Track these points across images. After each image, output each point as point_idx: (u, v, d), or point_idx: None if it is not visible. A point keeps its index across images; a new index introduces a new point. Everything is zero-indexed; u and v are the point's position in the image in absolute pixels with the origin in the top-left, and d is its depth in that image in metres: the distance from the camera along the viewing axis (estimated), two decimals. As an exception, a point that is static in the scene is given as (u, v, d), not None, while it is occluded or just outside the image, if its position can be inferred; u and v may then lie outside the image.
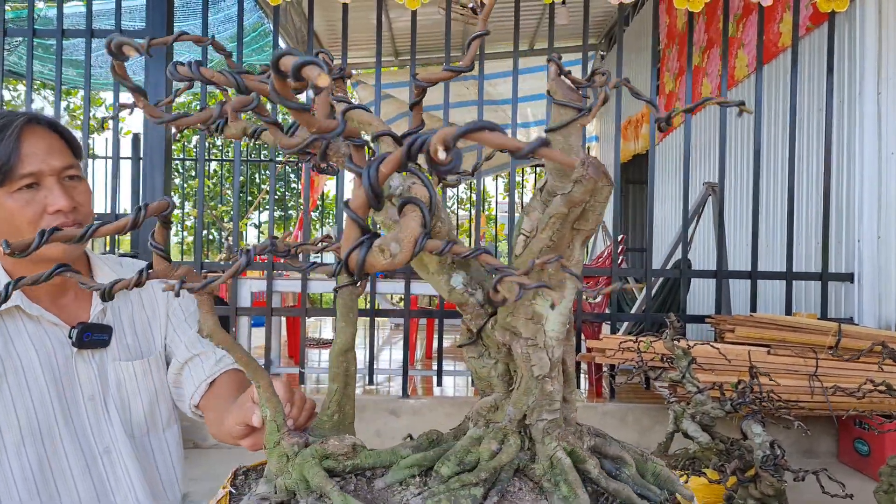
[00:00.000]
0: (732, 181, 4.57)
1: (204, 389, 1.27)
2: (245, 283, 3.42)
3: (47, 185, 1.12)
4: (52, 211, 1.11)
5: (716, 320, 3.19)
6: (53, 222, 1.11)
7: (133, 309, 1.32)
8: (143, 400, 1.27)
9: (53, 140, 1.15)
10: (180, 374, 1.31)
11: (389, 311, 3.71)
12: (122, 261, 1.40)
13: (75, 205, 1.14)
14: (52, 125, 1.16)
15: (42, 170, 1.11)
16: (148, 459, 1.28)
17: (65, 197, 1.12)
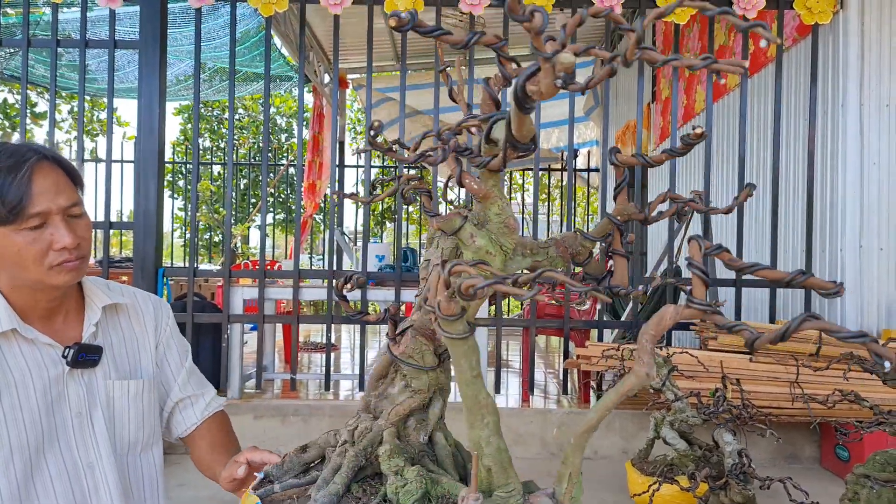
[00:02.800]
0: (718, 190, 4.61)
1: (193, 428, 1.44)
2: (237, 290, 3.49)
3: (53, 223, 1.17)
4: (57, 248, 1.17)
5: (700, 328, 3.24)
6: (58, 258, 1.18)
7: (123, 332, 1.39)
8: (131, 419, 1.33)
9: (60, 177, 1.20)
10: (172, 412, 1.44)
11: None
12: (110, 283, 1.46)
13: (79, 241, 1.21)
14: (57, 161, 1.21)
15: (50, 209, 1.17)
16: (129, 477, 1.33)
17: (70, 234, 1.18)
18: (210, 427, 1.44)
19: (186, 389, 1.44)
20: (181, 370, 1.45)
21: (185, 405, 1.44)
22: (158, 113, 3.49)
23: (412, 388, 1.01)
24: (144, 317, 1.41)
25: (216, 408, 1.47)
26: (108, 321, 1.37)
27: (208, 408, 1.45)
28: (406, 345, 1.01)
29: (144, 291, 1.47)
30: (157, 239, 3.46)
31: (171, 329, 1.46)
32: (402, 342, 1.02)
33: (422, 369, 1.01)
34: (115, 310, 1.39)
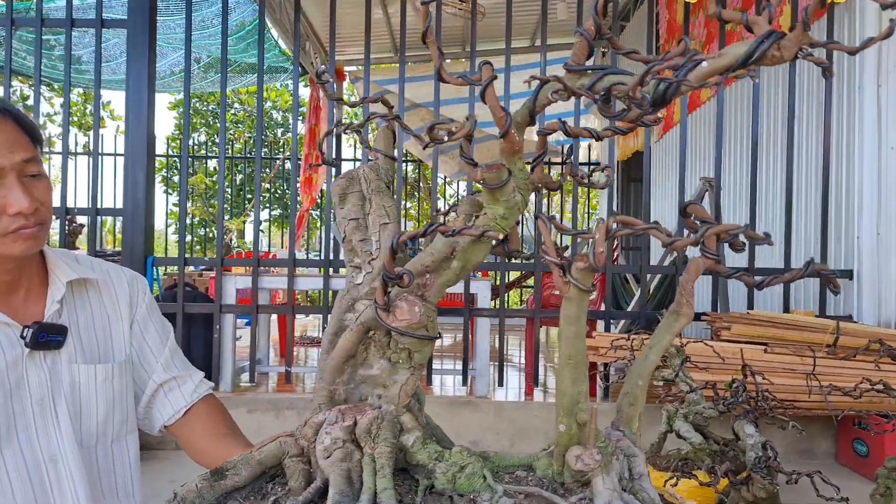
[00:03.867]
0: (730, 176, 4.48)
1: (181, 414, 1.27)
2: (230, 279, 3.35)
3: (7, 183, 1.05)
4: (12, 212, 1.05)
5: (712, 318, 3.12)
6: (13, 224, 1.05)
7: (92, 311, 1.25)
8: (98, 407, 1.20)
9: (13, 131, 1.07)
10: (154, 395, 1.28)
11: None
12: (79, 256, 1.33)
13: (37, 205, 1.08)
14: (10, 113, 1.09)
15: (3, 166, 1.04)
16: (97, 470, 1.20)
17: (26, 197, 1.05)
18: (204, 411, 1.29)
19: (171, 370, 1.30)
20: (163, 350, 1.31)
21: (171, 387, 1.29)
22: (147, 96, 3.35)
23: (414, 362, 0.87)
24: (117, 293, 1.28)
25: (206, 390, 1.32)
26: (75, 298, 1.23)
27: (198, 390, 1.30)
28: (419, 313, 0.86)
29: (118, 266, 1.33)
30: (146, 227, 3.33)
31: (149, 306, 1.32)
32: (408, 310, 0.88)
33: (429, 339, 0.87)
34: (82, 286, 1.25)
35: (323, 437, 0.71)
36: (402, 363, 0.86)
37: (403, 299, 0.87)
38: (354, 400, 0.81)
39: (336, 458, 0.69)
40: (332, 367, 0.80)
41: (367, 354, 0.84)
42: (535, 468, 0.74)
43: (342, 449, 0.70)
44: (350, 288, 0.87)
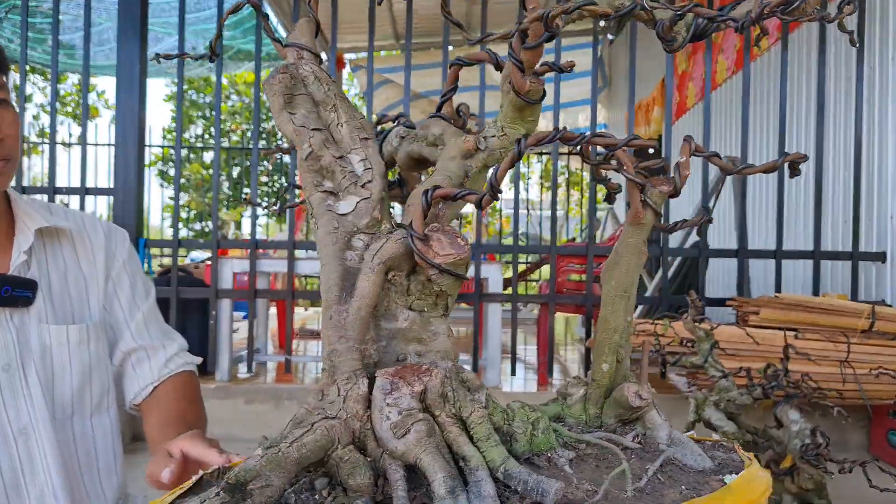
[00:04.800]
0: (756, 155, 4.30)
1: (148, 392, 1.10)
2: (226, 262, 3.16)
3: None
4: None
5: (738, 302, 2.94)
6: None
7: (66, 265, 1.08)
8: (72, 374, 1.03)
9: None
10: (123, 366, 1.11)
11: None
12: (52, 205, 1.16)
13: (2, 136, 0.95)
14: None
15: None
16: (73, 447, 1.03)
17: None
18: (168, 392, 1.10)
19: (143, 338, 1.12)
20: (136, 311, 1.13)
21: (140, 359, 1.11)
22: (139, 74, 3.16)
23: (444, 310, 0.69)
24: (93, 246, 1.10)
25: (181, 366, 1.13)
26: (47, 250, 1.06)
27: (170, 364, 1.12)
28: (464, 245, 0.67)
29: (96, 217, 1.16)
30: (137, 207, 3.14)
31: (127, 261, 1.14)
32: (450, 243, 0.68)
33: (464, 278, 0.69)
34: (55, 236, 1.08)
35: (387, 412, 0.52)
36: (430, 311, 0.68)
37: (439, 231, 0.68)
38: (389, 362, 0.62)
39: (421, 435, 0.50)
40: (359, 321, 0.59)
41: (388, 303, 0.65)
42: (567, 416, 0.68)
43: (423, 421, 0.51)
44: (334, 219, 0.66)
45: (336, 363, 0.54)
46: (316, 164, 0.65)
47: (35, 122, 10.02)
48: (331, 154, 0.65)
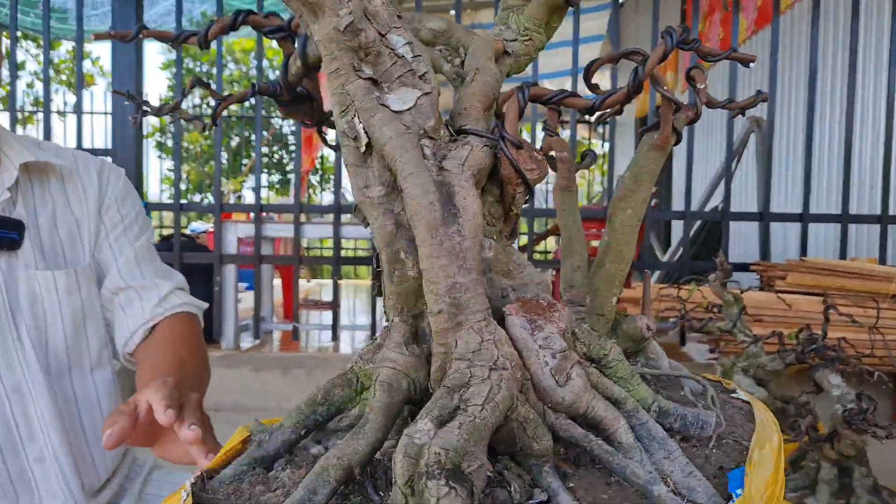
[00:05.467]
0: (783, 116, 4.15)
1: (141, 336, 0.96)
2: (230, 226, 3.04)
3: None
4: None
5: (763, 267, 2.83)
6: None
7: (55, 207, 0.96)
8: (64, 324, 0.91)
9: None
10: (111, 310, 0.98)
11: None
12: (42, 143, 1.04)
13: None
14: None
15: None
16: (72, 406, 0.92)
17: None
18: (164, 334, 0.95)
19: (132, 277, 0.97)
20: (125, 249, 0.99)
21: (130, 299, 0.97)
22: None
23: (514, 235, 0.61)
24: (84, 185, 0.98)
25: (179, 307, 0.98)
26: (34, 188, 0.95)
27: (164, 303, 0.97)
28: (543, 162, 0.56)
29: (89, 154, 1.03)
30: (136, 168, 3.01)
31: (120, 197, 1.02)
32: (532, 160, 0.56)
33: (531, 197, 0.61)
34: (44, 174, 0.96)
35: (542, 355, 0.42)
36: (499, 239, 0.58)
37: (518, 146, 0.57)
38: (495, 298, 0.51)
39: (584, 379, 0.42)
40: (476, 247, 0.47)
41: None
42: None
43: (579, 364, 0.43)
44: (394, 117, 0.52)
45: (461, 300, 0.43)
46: (354, 41, 0.49)
47: (29, 90, 9.81)
48: (375, 29, 0.50)
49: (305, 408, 0.45)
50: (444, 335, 0.43)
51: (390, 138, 0.47)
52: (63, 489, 0.87)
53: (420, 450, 0.35)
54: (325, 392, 0.45)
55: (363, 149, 0.48)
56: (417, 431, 0.36)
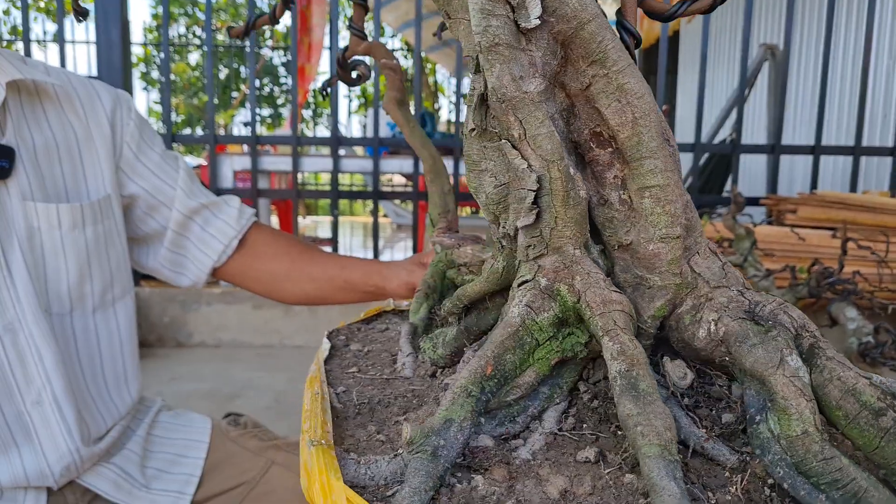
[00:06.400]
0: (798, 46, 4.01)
1: (234, 248, 0.99)
2: (226, 159, 2.94)
3: None
4: None
5: (774, 201, 2.78)
6: None
7: (52, 132, 0.88)
8: (67, 262, 0.85)
9: None
10: (185, 231, 0.98)
11: (397, 193, 3.26)
12: (29, 59, 0.93)
13: None
14: None
15: None
16: (71, 348, 0.86)
17: None
18: (261, 237, 1.02)
19: (198, 196, 0.98)
20: (176, 173, 0.98)
21: (206, 218, 0.99)
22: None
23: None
24: (85, 110, 0.90)
25: (252, 216, 1.03)
26: (25, 111, 0.86)
27: (243, 214, 1.01)
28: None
29: (88, 78, 0.95)
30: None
31: (139, 125, 0.95)
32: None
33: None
34: (35, 96, 0.87)
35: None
36: None
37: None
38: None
39: None
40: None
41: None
42: None
43: None
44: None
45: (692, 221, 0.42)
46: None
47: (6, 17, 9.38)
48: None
49: (472, 387, 0.38)
50: (677, 263, 0.39)
51: (596, 15, 0.39)
52: (64, 435, 0.81)
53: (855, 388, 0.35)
54: (496, 360, 0.39)
55: (533, 19, 0.38)
56: (801, 368, 0.36)
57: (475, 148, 0.44)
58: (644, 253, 0.42)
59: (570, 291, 0.41)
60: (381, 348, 0.61)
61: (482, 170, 0.44)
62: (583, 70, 0.40)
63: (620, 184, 0.43)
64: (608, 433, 0.41)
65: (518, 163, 0.41)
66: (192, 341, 3.06)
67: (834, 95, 3.62)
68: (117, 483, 0.86)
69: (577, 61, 0.40)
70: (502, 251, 0.46)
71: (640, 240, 0.42)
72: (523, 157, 0.41)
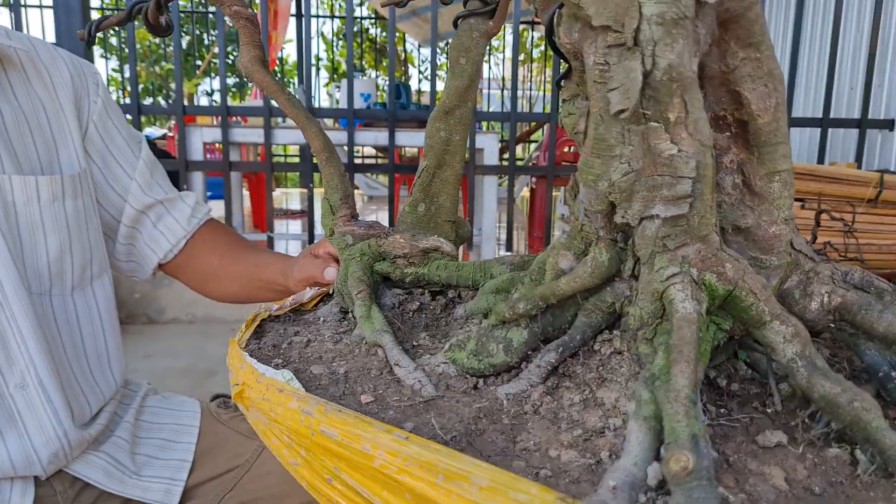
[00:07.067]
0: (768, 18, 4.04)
1: (181, 248, 0.97)
2: (195, 130, 2.86)
3: None
4: None
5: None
6: None
7: (19, 101, 0.84)
8: (47, 238, 0.81)
9: None
10: (138, 226, 0.95)
11: (371, 166, 3.22)
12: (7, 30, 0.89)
13: None
14: None
15: None
16: (52, 328, 0.83)
17: None
18: (214, 235, 1.01)
19: (154, 191, 0.95)
20: (135, 162, 0.94)
21: (160, 214, 0.96)
22: None
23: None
24: (52, 80, 0.86)
25: (207, 215, 1.01)
26: None
27: (196, 212, 0.99)
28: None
29: (51, 44, 0.90)
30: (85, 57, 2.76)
31: (105, 101, 0.91)
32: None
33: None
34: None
35: None
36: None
37: None
38: None
39: None
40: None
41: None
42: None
43: None
44: None
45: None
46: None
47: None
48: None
49: (694, 395, 0.37)
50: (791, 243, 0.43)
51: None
52: (51, 419, 0.78)
53: None
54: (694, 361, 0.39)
55: None
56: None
57: (614, 131, 0.40)
58: (763, 235, 0.43)
59: (720, 280, 0.40)
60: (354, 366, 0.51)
61: (614, 155, 0.41)
62: (733, 52, 0.39)
63: (736, 168, 0.43)
64: (759, 414, 0.42)
65: (665, 147, 0.39)
66: (164, 317, 3.01)
67: (803, 68, 3.67)
68: (107, 471, 0.84)
69: (728, 42, 0.40)
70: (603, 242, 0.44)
71: (760, 223, 0.43)
72: (673, 142, 0.39)
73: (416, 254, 0.58)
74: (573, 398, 0.43)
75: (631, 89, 0.38)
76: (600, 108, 0.40)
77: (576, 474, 0.36)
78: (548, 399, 0.44)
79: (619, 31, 0.37)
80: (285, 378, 0.46)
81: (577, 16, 0.39)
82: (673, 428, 0.34)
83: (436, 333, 0.55)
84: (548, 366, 0.45)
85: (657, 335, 0.41)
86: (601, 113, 0.40)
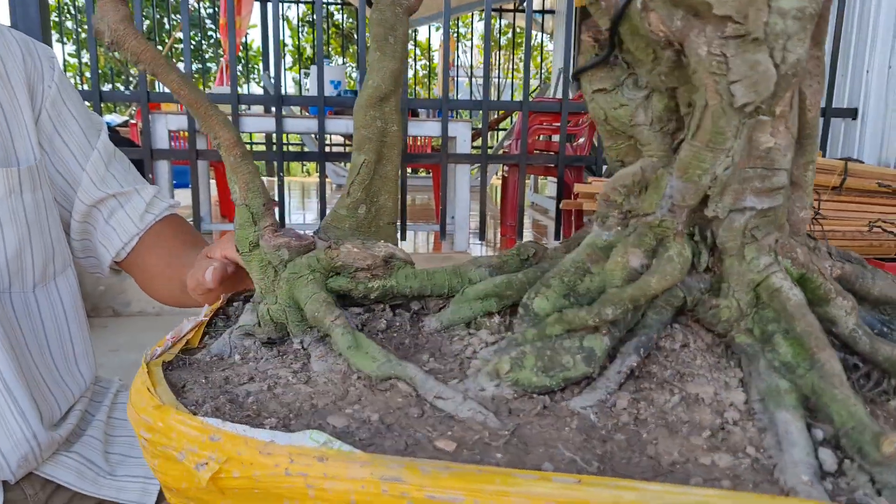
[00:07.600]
0: None
1: (133, 246, 0.90)
2: (160, 117, 2.78)
3: None
4: None
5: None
6: None
7: None
8: (4, 232, 0.77)
9: None
10: (90, 221, 0.89)
11: (344, 154, 3.18)
12: None
13: None
14: None
15: None
16: (15, 327, 0.79)
17: None
18: (164, 232, 0.93)
19: (108, 184, 0.88)
20: (89, 151, 0.87)
21: (112, 209, 0.89)
22: None
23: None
24: (6, 64, 0.81)
25: (165, 210, 0.93)
26: None
27: (151, 209, 0.91)
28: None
29: (7, 27, 0.84)
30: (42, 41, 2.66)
31: (60, 86, 0.86)
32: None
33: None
34: None
35: None
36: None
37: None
38: None
39: None
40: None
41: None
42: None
43: None
44: None
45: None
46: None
47: None
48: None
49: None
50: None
51: None
52: (18, 421, 0.75)
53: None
54: None
55: None
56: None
57: (734, 124, 0.39)
58: (794, 220, 0.46)
59: (794, 264, 0.44)
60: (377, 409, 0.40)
61: (724, 149, 0.40)
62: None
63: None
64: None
65: (764, 140, 0.41)
66: (129, 310, 2.94)
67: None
68: (80, 472, 0.81)
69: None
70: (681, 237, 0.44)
71: (794, 208, 0.46)
72: (771, 135, 0.41)
73: (378, 265, 0.50)
74: (668, 399, 0.41)
75: (761, 83, 0.37)
76: (721, 101, 0.38)
77: (749, 477, 0.34)
78: (643, 405, 0.40)
79: (740, 21, 0.36)
80: (318, 441, 0.35)
81: (681, 3, 0.38)
82: (851, 412, 0.36)
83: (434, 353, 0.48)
84: (628, 370, 0.42)
85: (762, 323, 0.42)
86: (723, 106, 0.39)
